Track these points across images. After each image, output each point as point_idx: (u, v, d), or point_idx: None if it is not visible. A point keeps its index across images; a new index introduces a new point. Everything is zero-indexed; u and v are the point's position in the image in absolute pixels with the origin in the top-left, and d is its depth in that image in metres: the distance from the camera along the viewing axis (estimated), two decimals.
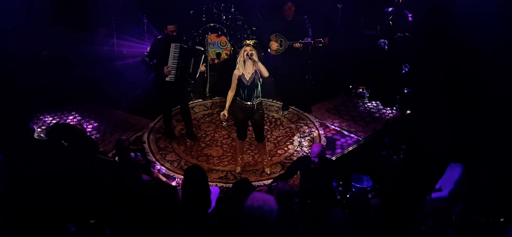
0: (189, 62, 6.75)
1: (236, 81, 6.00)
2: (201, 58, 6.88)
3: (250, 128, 6.50)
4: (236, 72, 6.00)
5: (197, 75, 6.97)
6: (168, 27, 6.60)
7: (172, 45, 6.63)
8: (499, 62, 6.84)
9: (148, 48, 6.77)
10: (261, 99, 6.15)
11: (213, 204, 5.02)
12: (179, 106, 7.37)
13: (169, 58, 6.64)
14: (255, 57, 5.82)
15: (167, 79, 6.69)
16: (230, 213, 4.78)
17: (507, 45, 6.98)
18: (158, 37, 6.80)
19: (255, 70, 5.89)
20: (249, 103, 6.03)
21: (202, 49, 7.03)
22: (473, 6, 7.25)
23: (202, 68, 6.97)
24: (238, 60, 5.97)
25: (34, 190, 5.19)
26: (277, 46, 7.54)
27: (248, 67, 5.91)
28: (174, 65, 6.67)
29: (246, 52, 5.87)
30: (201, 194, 4.69)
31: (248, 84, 5.95)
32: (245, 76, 5.95)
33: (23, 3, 7.63)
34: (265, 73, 5.93)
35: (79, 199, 5.12)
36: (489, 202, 5.05)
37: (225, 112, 6.09)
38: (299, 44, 7.45)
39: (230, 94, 6.11)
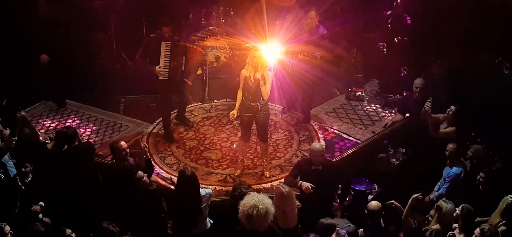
0: (181, 60, 6.76)
1: (243, 81, 6.01)
2: (198, 59, 6.90)
3: (254, 129, 6.49)
4: (244, 72, 6.01)
5: (199, 72, 7.07)
6: (163, 28, 6.65)
7: (163, 43, 6.67)
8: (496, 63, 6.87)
9: (141, 48, 6.79)
10: (266, 100, 6.13)
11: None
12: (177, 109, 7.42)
13: (160, 56, 6.67)
14: (261, 73, 5.82)
15: (160, 77, 6.71)
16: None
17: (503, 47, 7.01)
18: (151, 35, 6.83)
19: (261, 75, 5.88)
20: (253, 104, 6.03)
21: (204, 52, 7.02)
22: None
23: (198, 71, 6.97)
24: (247, 61, 5.95)
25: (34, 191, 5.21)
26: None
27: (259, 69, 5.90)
28: (166, 63, 6.69)
29: (254, 60, 5.84)
30: (192, 195, 4.75)
31: (253, 86, 5.94)
32: (251, 79, 5.94)
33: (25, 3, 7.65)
34: (266, 96, 5.94)
35: (77, 200, 5.14)
36: (489, 202, 5.06)
37: (235, 111, 6.12)
38: (302, 57, 7.32)
39: (239, 93, 6.12)
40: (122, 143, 5.51)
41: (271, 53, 6.30)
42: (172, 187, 6.14)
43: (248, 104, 6.07)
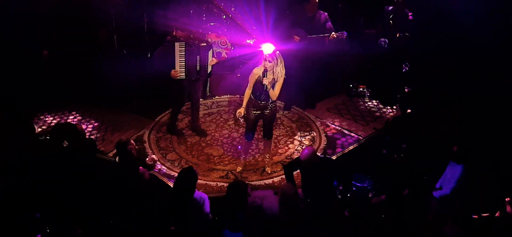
0: (195, 59, 6.80)
1: (254, 81, 5.98)
2: (208, 53, 6.95)
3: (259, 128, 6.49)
4: (256, 71, 5.96)
5: (209, 70, 7.09)
6: (177, 31, 6.75)
7: (176, 44, 6.72)
8: (496, 61, 6.87)
9: (158, 50, 6.81)
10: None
11: (207, 209, 5.05)
12: (190, 102, 7.45)
13: (175, 58, 6.72)
14: (268, 77, 5.80)
15: (178, 77, 6.78)
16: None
17: (504, 45, 7.01)
18: (167, 38, 6.86)
19: (274, 77, 5.88)
20: (263, 102, 6.05)
21: (205, 43, 7.08)
22: (469, 6, 7.29)
23: (213, 61, 7.03)
24: (263, 64, 5.90)
25: (34, 191, 5.21)
26: (298, 40, 7.54)
27: (268, 73, 5.87)
28: (181, 63, 6.76)
29: (266, 62, 5.79)
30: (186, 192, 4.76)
31: (266, 87, 5.92)
32: (261, 80, 5.90)
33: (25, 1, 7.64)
34: (274, 98, 5.94)
35: (79, 199, 5.13)
36: (489, 200, 5.07)
37: (242, 110, 6.11)
38: (334, 35, 7.43)
39: (247, 92, 6.09)
40: (132, 142, 5.51)
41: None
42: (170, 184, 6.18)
43: (256, 102, 6.07)
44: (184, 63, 6.77)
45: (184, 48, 6.73)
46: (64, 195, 5.07)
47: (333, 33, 7.44)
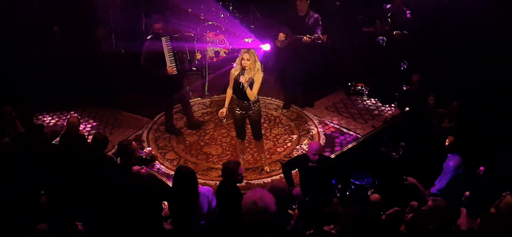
0: (184, 49, 6.88)
1: (233, 80, 5.98)
2: (194, 43, 6.98)
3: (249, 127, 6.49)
4: (233, 71, 5.98)
5: (196, 61, 7.10)
6: (155, 25, 6.75)
7: (163, 38, 6.74)
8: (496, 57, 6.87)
9: (143, 54, 6.79)
10: (258, 97, 6.09)
11: (214, 203, 5.02)
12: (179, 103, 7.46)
13: (164, 53, 6.72)
14: (245, 76, 5.79)
15: (172, 73, 6.79)
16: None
17: (503, 41, 7.01)
18: (148, 38, 6.85)
19: (252, 76, 5.84)
20: (245, 102, 6.02)
21: (192, 34, 7.11)
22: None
23: (198, 55, 7.04)
24: (237, 61, 5.93)
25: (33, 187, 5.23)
26: (283, 38, 7.55)
27: (245, 72, 5.85)
28: (171, 57, 6.76)
29: (243, 61, 5.79)
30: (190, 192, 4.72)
31: (242, 86, 5.90)
32: (241, 78, 5.90)
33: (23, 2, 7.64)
34: (251, 97, 5.91)
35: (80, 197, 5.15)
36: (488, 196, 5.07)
37: (224, 110, 6.09)
38: (307, 38, 7.37)
39: (229, 92, 6.09)
40: (134, 144, 5.50)
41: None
42: (169, 183, 6.17)
43: (239, 102, 6.06)
44: (173, 57, 6.77)
45: (169, 41, 6.74)
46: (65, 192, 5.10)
47: (308, 35, 7.35)
